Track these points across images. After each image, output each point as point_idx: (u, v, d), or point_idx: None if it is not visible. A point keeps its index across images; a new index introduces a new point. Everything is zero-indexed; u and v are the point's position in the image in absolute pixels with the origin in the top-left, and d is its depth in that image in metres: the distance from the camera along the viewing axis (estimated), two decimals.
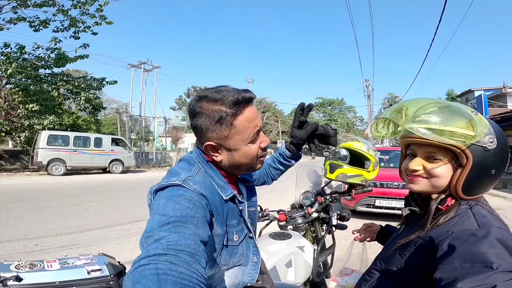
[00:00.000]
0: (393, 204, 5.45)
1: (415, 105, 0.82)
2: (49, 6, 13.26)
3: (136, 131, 22.65)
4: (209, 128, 0.78)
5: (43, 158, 12.52)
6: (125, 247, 4.02)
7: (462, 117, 0.76)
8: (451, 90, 34.09)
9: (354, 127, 52.51)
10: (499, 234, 0.67)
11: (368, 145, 1.82)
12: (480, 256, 0.64)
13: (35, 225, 4.87)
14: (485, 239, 0.66)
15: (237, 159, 0.83)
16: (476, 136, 0.74)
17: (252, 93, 0.82)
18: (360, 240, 1.32)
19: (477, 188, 0.79)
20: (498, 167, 0.78)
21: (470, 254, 0.65)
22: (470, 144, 0.74)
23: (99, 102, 18.38)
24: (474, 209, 0.77)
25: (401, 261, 0.84)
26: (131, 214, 5.82)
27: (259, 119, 0.83)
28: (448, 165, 0.79)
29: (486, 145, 0.75)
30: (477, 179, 0.77)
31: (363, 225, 1.30)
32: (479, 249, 0.65)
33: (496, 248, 0.64)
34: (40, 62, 14.98)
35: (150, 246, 0.59)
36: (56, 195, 7.90)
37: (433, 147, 0.80)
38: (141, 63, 22.23)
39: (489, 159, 0.76)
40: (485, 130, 0.75)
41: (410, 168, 0.84)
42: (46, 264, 1.10)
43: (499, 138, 0.77)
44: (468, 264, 0.64)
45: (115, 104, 41.31)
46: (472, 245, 0.67)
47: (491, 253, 0.63)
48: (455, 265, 0.66)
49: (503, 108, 16.25)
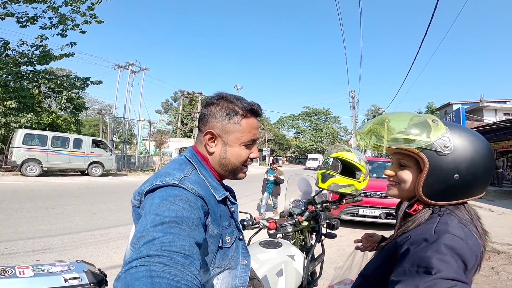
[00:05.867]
0: (375, 213, 5.57)
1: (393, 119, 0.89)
2: (39, 3, 12.86)
3: (119, 134, 22.06)
4: (218, 117, 0.85)
5: (18, 158, 11.92)
6: (103, 252, 3.84)
7: (419, 126, 0.81)
8: (431, 103, 35.66)
9: (338, 137, 53.57)
10: (450, 240, 0.68)
11: (359, 156, 1.83)
12: (424, 260, 0.66)
13: (4, 228, 4.58)
14: (433, 244, 0.68)
15: (228, 155, 0.87)
16: (425, 141, 0.78)
17: (261, 111, 0.93)
18: (362, 250, 1.32)
19: (442, 193, 0.80)
20: (463, 173, 0.77)
21: (417, 258, 0.68)
22: (423, 148, 0.79)
23: (81, 102, 17.78)
24: (443, 217, 0.77)
25: (375, 265, 0.89)
26: (110, 219, 5.61)
27: (258, 132, 0.92)
28: (412, 169, 0.84)
29: (440, 150, 0.78)
30: (438, 184, 0.79)
31: (364, 235, 1.30)
32: (425, 253, 0.67)
33: (441, 254, 0.66)
34: (23, 59, 14.44)
35: (142, 246, 0.56)
36: (29, 196, 7.50)
37: (401, 154, 0.86)
38: (128, 64, 21.86)
39: (446, 163, 0.78)
40: (438, 136, 0.78)
41: (385, 173, 0.91)
42: (17, 271, 1.01)
43: (461, 144, 0.78)
44: (414, 268, 0.67)
45: (98, 105, 40.29)
46: (421, 250, 0.69)
47: (435, 259, 0.65)
48: (404, 268, 0.69)
49: (479, 121, 16.96)
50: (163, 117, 33.94)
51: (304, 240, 1.92)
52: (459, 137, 0.79)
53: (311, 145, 47.33)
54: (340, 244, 4.67)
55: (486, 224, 0.83)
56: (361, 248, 1.31)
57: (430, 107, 35.09)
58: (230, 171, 0.90)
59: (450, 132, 0.80)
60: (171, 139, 25.64)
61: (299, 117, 53.43)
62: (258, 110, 0.90)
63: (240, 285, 0.89)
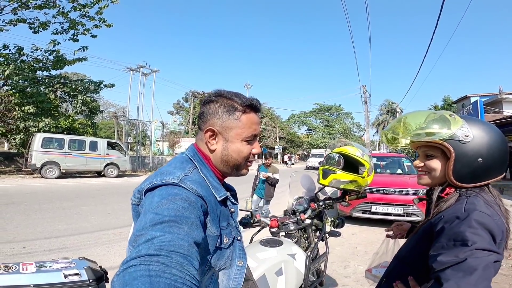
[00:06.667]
0: (389, 210, 5.41)
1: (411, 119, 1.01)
2: (49, 8, 13.28)
3: (133, 135, 22.53)
4: (217, 114, 0.86)
5: (37, 161, 12.37)
6: (115, 251, 3.94)
7: (438, 120, 0.94)
8: (448, 97, 34.44)
9: (351, 133, 52.73)
10: (479, 216, 0.78)
11: (363, 150, 1.77)
12: (459, 235, 0.77)
13: (23, 228, 4.77)
14: (465, 221, 0.79)
15: (229, 152, 0.86)
16: (447, 133, 0.91)
17: (261, 106, 0.93)
18: (392, 238, 1.39)
19: (470, 176, 0.91)
20: (485, 156, 0.89)
21: (452, 234, 0.79)
22: (446, 139, 0.91)
23: (96, 105, 18.25)
24: (470, 198, 0.87)
25: (410, 246, 1.00)
26: (123, 218, 5.73)
27: (259, 127, 0.93)
28: (439, 158, 0.95)
29: (462, 139, 0.90)
30: (465, 168, 0.91)
31: (394, 223, 1.38)
32: (459, 229, 0.78)
33: (473, 228, 0.76)
34: (38, 64, 14.92)
35: (141, 245, 0.56)
36: (48, 198, 7.78)
37: (426, 147, 0.98)
38: (139, 67, 22.22)
39: (469, 150, 0.90)
40: (457, 127, 0.91)
41: (414, 165, 1.03)
42: (21, 267, 1.05)
43: (478, 133, 0.91)
44: (451, 242, 0.78)
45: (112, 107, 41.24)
46: (455, 226, 0.80)
47: (468, 232, 0.75)
48: (442, 243, 0.80)
49: (499, 114, 16.33)
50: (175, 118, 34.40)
51: (307, 238, 1.89)
52: (475, 127, 0.92)
53: (323, 141, 46.81)
54: (352, 242, 4.59)
55: None
56: (392, 236, 1.37)
57: (446, 100, 33.91)
58: (233, 167, 0.89)
59: (467, 124, 0.92)
60: (183, 139, 26.00)
61: (310, 114, 52.90)
62: (257, 105, 0.90)
63: (234, 286, 0.88)
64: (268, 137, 38.30)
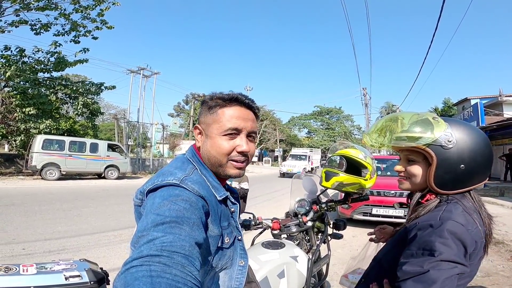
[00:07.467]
0: (390, 212, 5.41)
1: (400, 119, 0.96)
2: (51, 10, 13.33)
3: (133, 137, 22.53)
4: (202, 112, 0.89)
5: (38, 162, 12.36)
6: (115, 253, 3.92)
7: (421, 124, 0.90)
8: (448, 99, 34.48)
9: (351, 136, 52.68)
10: (452, 226, 0.76)
11: (366, 153, 1.77)
12: (429, 244, 0.75)
13: (23, 229, 4.76)
14: (437, 230, 0.77)
15: (208, 148, 0.85)
16: (430, 138, 0.86)
17: (249, 99, 0.88)
18: (375, 242, 1.36)
19: (452, 182, 0.88)
20: (467, 162, 0.86)
21: (423, 242, 0.77)
22: (428, 144, 0.87)
23: (97, 107, 18.25)
24: (449, 206, 0.85)
25: (386, 250, 0.99)
26: (123, 220, 5.72)
27: (247, 122, 0.86)
28: (421, 164, 0.92)
29: (444, 144, 0.86)
30: (447, 174, 0.87)
31: (377, 227, 1.35)
32: (430, 237, 0.76)
33: (444, 238, 0.74)
34: (39, 66, 14.95)
35: (143, 246, 0.56)
36: (48, 199, 7.77)
37: (408, 151, 0.94)
38: (140, 69, 22.25)
39: (451, 155, 0.86)
40: (440, 132, 0.86)
41: (395, 170, 0.99)
42: (22, 268, 1.04)
43: (461, 137, 0.87)
44: (420, 250, 0.76)
45: (113, 109, 41.30)
46: (427, 234, 0.78)
47: (438, 242, 0.74)
48: (412, 251, 0.78)
49: (499, 116, 16.30)
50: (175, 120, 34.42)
51: (309, 240, 1.88)
52: (459, 131, 0.88)
53: (323, 144, 46.78)
54: (353, 244, 4.57)
55: (508, 224, 0.88)
56: (375, 240, 1.33)
57: (447, 102, 33.94)
58: (215, 165, 0.85)
59: (450, 127, 0.88)
60: (183, 141, 25.97)
61: (310, 117, 52.89)
62: (240, 98, 0.86)
63: (236, 286, 0.88)
64: (268, 140, 38.29)
